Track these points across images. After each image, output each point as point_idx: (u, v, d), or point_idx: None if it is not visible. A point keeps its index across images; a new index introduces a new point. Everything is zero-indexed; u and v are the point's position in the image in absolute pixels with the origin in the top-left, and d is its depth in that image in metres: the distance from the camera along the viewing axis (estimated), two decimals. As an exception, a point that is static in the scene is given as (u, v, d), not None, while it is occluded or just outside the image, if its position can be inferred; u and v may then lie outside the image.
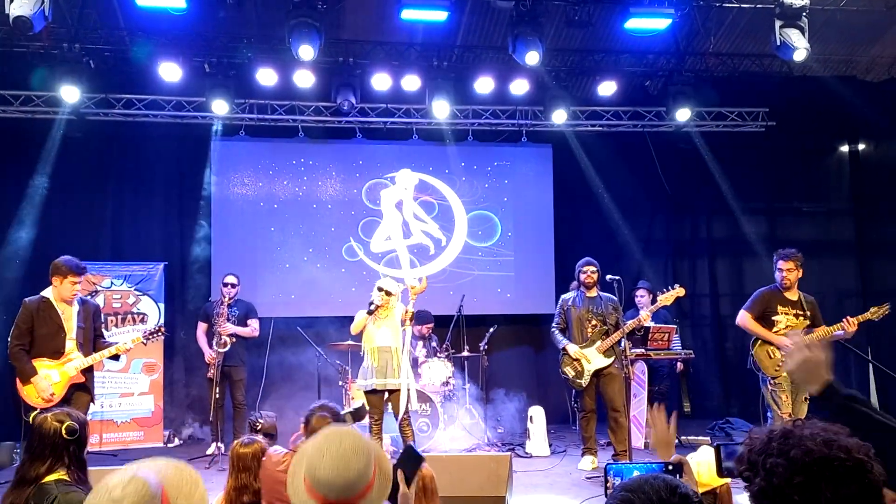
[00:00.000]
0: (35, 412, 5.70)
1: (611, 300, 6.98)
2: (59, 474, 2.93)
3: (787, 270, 6.30)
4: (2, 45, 8.01)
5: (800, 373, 2.17)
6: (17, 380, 5.79)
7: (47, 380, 5.71)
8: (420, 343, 8.52)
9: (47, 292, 5.88)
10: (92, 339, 6.03)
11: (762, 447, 1.56)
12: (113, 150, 9.30)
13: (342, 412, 3.86)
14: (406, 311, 6.70)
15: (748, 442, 1.62)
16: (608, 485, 2.08)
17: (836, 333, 6.19)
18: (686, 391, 9.87)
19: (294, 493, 2.03)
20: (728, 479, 3.51)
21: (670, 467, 2.02)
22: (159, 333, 6.45)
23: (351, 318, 6.85)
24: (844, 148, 10.52)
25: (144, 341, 6.29)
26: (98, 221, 9.24)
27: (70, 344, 5.84)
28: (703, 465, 3.48)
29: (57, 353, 5.81)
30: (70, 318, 5.88)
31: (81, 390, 5.89)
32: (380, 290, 6.60)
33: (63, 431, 2.96)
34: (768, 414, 6.33)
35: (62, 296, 5.84)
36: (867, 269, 10.06)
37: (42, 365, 5.75)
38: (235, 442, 3.85)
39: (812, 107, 9.82)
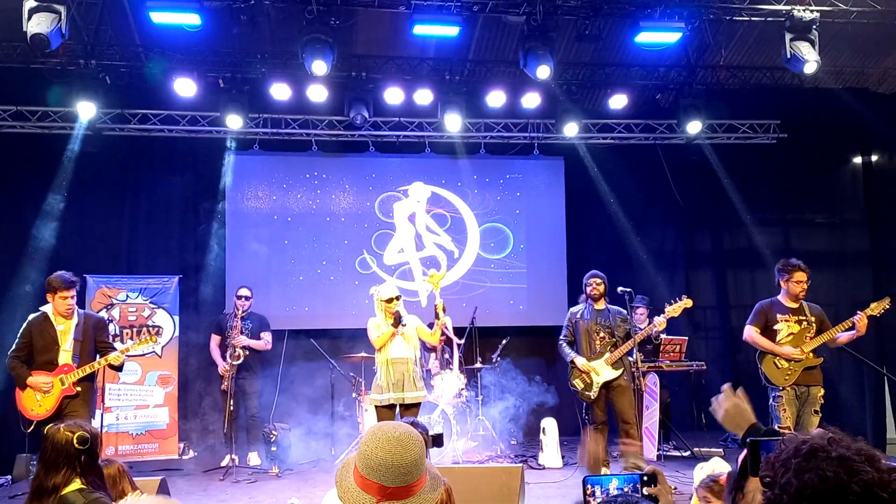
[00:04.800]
0: (33, 425, 5.80)
1: (619, 312, 6.97)
2: (77, 484, 2.98)
3: (806, 282, 6.26)
4: (19, 62, 8.13)
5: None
6: (16, 392, 5.86)
7: (40, 386, 5.76)
8: (432, 355, 8.54)
9: (47, 307, 5.97)
10: (92, 352, 6.01)
11: (786, 459, 1.49)
12: (128, 164, 9.41)
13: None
14: (438, 304, 6.55)
15: (780, 446, 1.55)
16: (587, 493, 2.09)
17: (846, 333, 6.18)
18: (701, 403, 9.81)
19: (345, 493, 1.97)
20: None
21: (646, 478, 2.03)
22: (149, 341, 6.46)
23: (364, 330, 6.82)
24: (858, 159, 10.48)
25: (133, 348, 6.27)
26: (114, 235, 9.34)
27: (64, 356, 5.87)
28: (713, 478, 3.48)
29: (51, 364, 5.85)
30: (67, 332, 5.92)
31: (77, 403, 5.87)
32: (389, 301, 6.39)
33: (74, 441, 3.02)
34: (774, 426, 6.29)
35: (58, 310, 5.91)
36: (882, 280, 9.99)
37: (37, 377, 5.81)
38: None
39: (824, 119, 9.79)
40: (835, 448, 1.44)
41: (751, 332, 6.44)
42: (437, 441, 4.10)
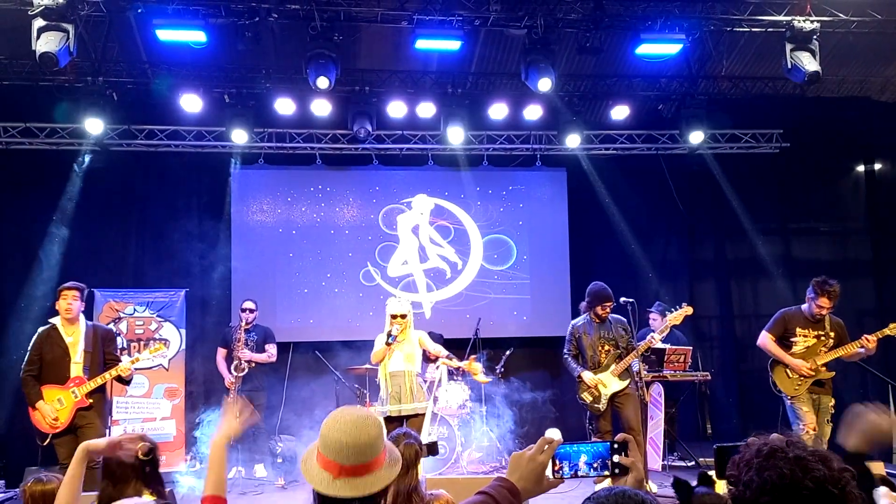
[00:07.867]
0: (48, 438, 5.85)
1: (620, 322, 6.96)
2: (147, 495, 3.06)
3: (827, 309, 6.24)
4: (28, 79, 8.24)
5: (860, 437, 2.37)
6: (28, 406, 5.90)
7: (51, 405, 5.79)
8: (431, 366, 8.56)
9: (55, 319, 6.02)
10: (101, 364, 6.04)
11: (749, 459, 1.64)
12: (135, 179, 9.49)
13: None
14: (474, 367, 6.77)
15: (743, 448, 1.69)
16: (555, 468, 2.07)
17: (858, 350, 6.19)
18: (707, 413, 9.81)
19: (308, 473, 2.10)
20: None
21: (616, 445, 2.03)
22: (158, 352, 6.55)
23: (368, 342, 6.88)
24: (860, 168, 10.51)
25: (142, 359, 6.34)
26: (121, 249, 9.42)
27: (75, 368, 5.91)
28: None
29: (62, 377, 5.89)
30: (76, 343, 5.95)
31: (91, 415, 5.92)
32: (394, 317, 6.46)
33: (140, 454, 3.08)
34: (793, 428, 6.26)
35: (62, 314, 5.95)
36: (885, 288, 10.00)
37: (49, 390, 5.85)
38: (31, 480, 3.59)
39: (827, 127, 9.82)
40: (792, 449, 1.58)
41: (765, 339, 6.44)
42: (432, 449, 4.12)
